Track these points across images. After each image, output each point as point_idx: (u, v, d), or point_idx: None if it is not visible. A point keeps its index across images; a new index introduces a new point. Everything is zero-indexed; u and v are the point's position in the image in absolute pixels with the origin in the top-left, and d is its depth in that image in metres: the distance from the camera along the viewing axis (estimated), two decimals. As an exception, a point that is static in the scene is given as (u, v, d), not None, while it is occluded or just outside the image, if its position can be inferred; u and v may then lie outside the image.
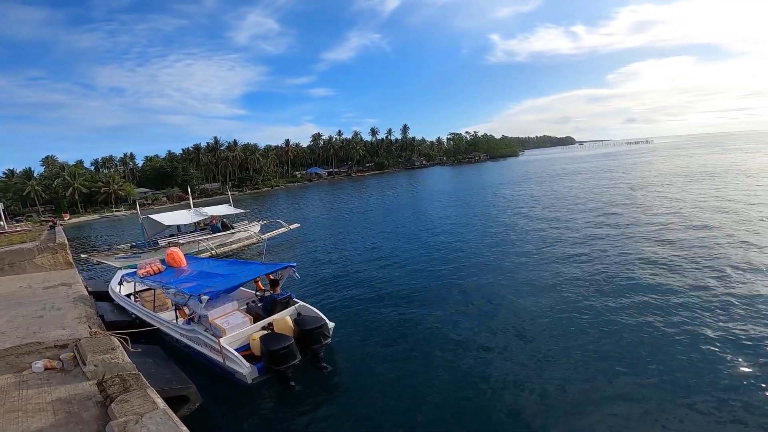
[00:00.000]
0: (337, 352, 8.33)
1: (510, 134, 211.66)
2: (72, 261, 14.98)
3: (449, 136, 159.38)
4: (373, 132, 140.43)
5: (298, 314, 8.54)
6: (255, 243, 22.35)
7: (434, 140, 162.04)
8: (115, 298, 11.40)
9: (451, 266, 14.05)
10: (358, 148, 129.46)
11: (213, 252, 19.68)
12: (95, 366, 5.09)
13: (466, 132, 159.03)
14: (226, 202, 26.68)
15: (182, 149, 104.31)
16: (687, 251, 12.88)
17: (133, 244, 20.98)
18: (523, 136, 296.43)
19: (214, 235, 21.78)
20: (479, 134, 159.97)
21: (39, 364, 5.49)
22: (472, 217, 24.81)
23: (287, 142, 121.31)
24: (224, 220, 23.48)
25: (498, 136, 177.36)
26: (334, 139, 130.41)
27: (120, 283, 11.85)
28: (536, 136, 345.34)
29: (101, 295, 11.79)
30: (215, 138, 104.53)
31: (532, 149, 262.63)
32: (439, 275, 13.14)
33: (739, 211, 18.23)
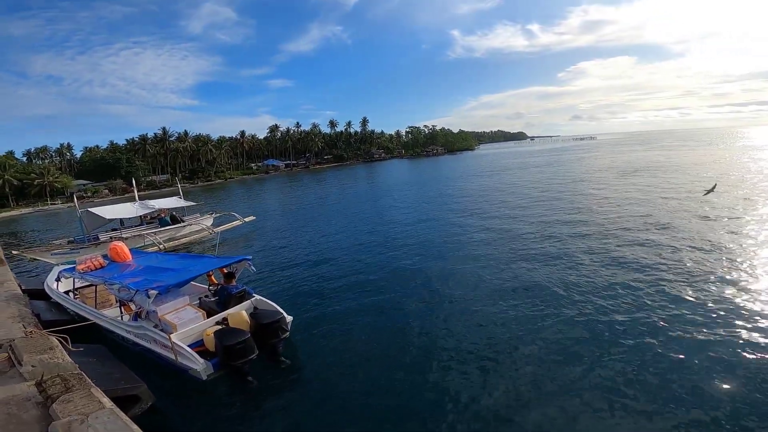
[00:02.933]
0: (295, 346, 8.24)
1: (467, 128, 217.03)
2: (2, 258, 13.74)
3: (408, 130, 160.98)
4: (332, 124, 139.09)
5: (255, 308, 8.36)
6: (207, 236, 21.52)
7: (393, 133, 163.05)
8: (52, 296, 10.61)
9: (408, 257, 14.31)
10: (317, 140, 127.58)
11: (161, 246, 18.73)
12: (32, 366, 4.78)
13: (425, 126, 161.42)
14: (176, 194, 25.43)
15: (126, 140, 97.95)
16: (634, 240, 14.06)
17: (71, 239, 19.51)
18: (479, 131, 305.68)
19: (162, 228, 20.71)
20: (437, 128, 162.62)
21: (-33, 368, 5.06)
22: (429, 209, 25.32)
23: (242, 133, 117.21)
24: (173, 213, 22.38)
25: (455, 130, 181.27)
26: (292, 131, 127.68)
27: (57, 280, 11.03)
28: (491, 131, 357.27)
29: (36, 294, 10.95)
30: (164, 128, 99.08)
31: (488, 143, 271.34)
32: (397, 266, 13.36)
33: (669, 204, 20.08)
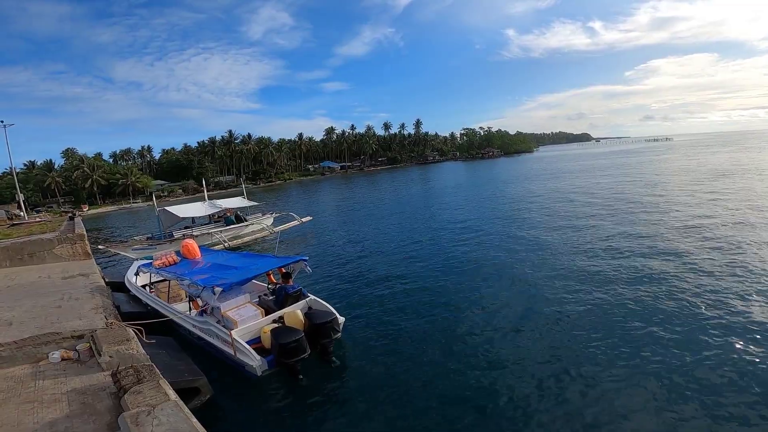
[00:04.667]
0: (345, 348, 8.29)
1: (524, 130, 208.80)
2: (90, 252, 15.26)
3: (462, 131, 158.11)
4: (386, 126, 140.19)
5: (309, 308, 8.52)
6: (268, 236, 22.50)
7: (447, 135, 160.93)
8: (131, 289, 11.58)
9: (467, 264, 13.81)
10: (371, 142, 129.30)
11: (226, 244, 19.86)
12: (110, 357, 5.15)
13: (480, 127, 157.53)
14: (240, 194, 26.88)
15: (197, 142, 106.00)
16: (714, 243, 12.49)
17: (150, 235, 21.32)
18: (538, 132, 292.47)
19: (228, 227, 21.98)
20: (493, 130, 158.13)
21: (56, 355, 5.58)
22: (489, 215, 24.36)
23: (300, 135, 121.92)
24: (238, 212, 23.65)
25: (512, 131, 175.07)
26: (347, 134, 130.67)
27: (136, 274, 12.03)
28: (551, 133, 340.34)
29: (118, 286, 11.98)
30: (230, 131, 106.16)
31: (548, 145, 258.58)
32: (455, 273, 12.93)
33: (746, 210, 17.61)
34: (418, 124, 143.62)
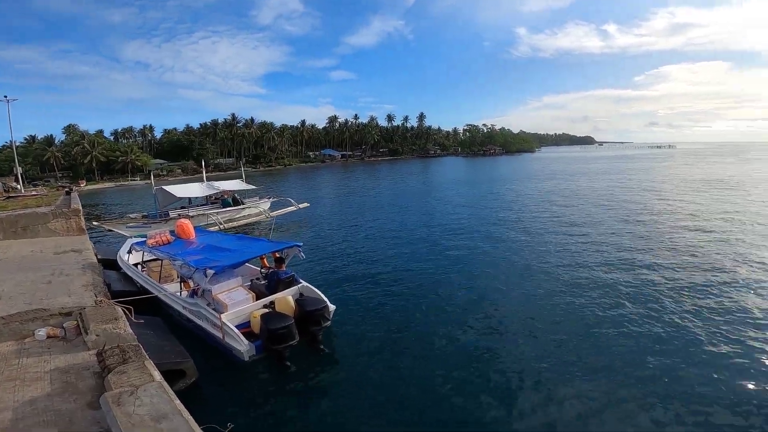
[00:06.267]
0: (335, 336, 8.31)
1: (528, 129, 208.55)
2: (84, 227, 15.15)
3: (466, 128, 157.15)
4: (390, 118, 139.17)
5: (300, 295, 8.49)
6: (264, 219, 22.42)
7: (450, 130, 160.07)
8: (122, 267, 11.52)
9: (460, 258, 13.91)
10: (374, 133, 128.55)
11: (221, 226, 19.79)
12: (96, 336, 5.12)
13: (483, 124, 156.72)
14: (239, 177, 26.73)
15: (200, 124, 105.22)
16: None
17: (145, 213, 21.22)
18: (542, 133, 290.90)
19: (224, 209, 21.90)
20: (496, 127, 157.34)
21: (42, 332, 5.54)
22: (485, 210, 24.48)
23: (303, 122, 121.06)
24: (235, 195, 23.57)
25: (515, 130, 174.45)
26: (350, 123, 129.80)
27: (129, 252, 11.95)
28: (555, 134, 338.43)
29: (110, 263, 11.92)
30: (233, 114, 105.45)
31: (550, 146, 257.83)
32: (447, 266, 13.01)
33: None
34: (421, 117, 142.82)
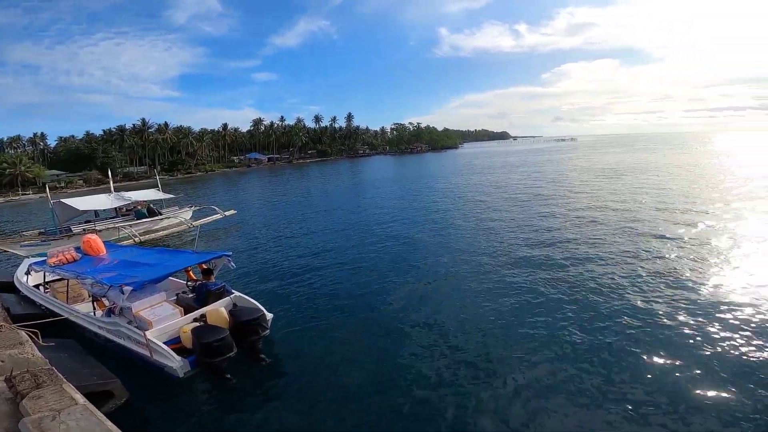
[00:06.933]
0: (276, 344, 8.15)
1: (451, 127, 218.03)
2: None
3: (393, 126, 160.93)
4: (317, 119, 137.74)
5: (234, 305, 8.27)
6: (186, 230, 21.15)
7: (378, 130, 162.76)
8: (21, 290, 10.30)
9: (393, 254, 14.41)
10: (301, 134, 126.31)
11: (137, 240, 18.34)
12: (2, 362, 4.66)
13: (410, 123, 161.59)
14: (154, 186, 24.88)
15: (103, 130, 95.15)
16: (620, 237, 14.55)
17: (42, 230, 18.90)
18: (464, 129, 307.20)
19: (139, 221, 20.27)
20: (422, 125, 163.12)
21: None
22: (412, 207, 25.44)
23: (225, 126, 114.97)
24: (151, 205, 21.90)
25: (440, 127, 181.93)
26: (276, 125, 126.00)
27: (27, 273, 10.71)
28: (475, 130, 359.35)
29: (6, 287, 10.61)
30: (143, 119, 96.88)
31: (471, 142, 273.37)
32: (382, 262, 13.44)
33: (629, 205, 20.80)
34: (349, 117, 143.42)
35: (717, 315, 8.27)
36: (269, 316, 8.06)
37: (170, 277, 9.04)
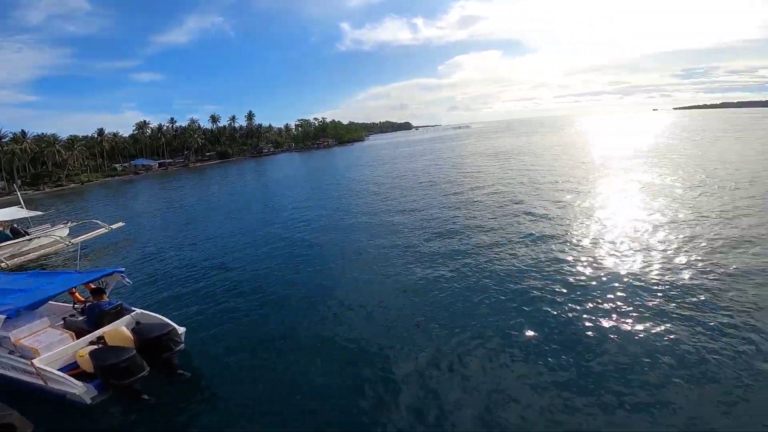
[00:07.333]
0: (194, 356, 7.76)
1: (357, 120, 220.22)
2: None
3: (297, 123, 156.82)
4: (214, 119, 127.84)
5: (137, 323, 7.70)
6: (64, 248, 18.45)
7: (282, 127, 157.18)
8: None
9: (304, 251, 14.41)
10: (196, 136, 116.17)
11: (3, 265, 15.59)
12: None
13: (315, 118, 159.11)
14: (15, 203, 21.20)
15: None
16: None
17: None
18: (369, 122, 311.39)
19: (1, 244, 17.18)
20: (327, 120, 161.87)
21: None
22: (322, 204, 25.33)
23: (101, 131, 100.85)
24: (14, 225, 18.69)
25: (345, 121, 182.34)
26: (165, 128, 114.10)
27: None
28: (380, 122, 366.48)
29: None
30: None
31: (377, 134, 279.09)
32: (293, 260, 13.37)
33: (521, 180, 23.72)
34: (250, 116, 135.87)
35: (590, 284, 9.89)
36: (181, 329, 7.59)
37: (52, 301, 8.04)
